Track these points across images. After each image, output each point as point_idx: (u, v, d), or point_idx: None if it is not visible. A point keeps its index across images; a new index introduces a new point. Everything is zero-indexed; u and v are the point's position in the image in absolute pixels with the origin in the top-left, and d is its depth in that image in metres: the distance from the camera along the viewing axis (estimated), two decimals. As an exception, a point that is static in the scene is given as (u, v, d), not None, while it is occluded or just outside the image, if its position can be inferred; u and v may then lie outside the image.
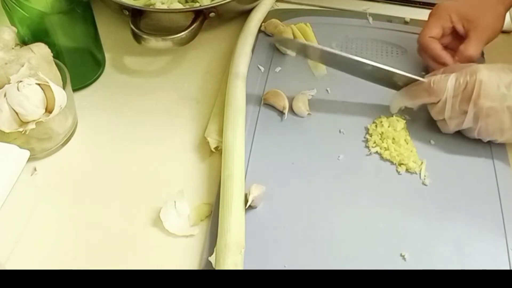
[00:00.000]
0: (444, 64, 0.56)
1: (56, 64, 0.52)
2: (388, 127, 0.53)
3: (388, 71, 0.54)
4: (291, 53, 0.62)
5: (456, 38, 0.59)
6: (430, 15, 0.59)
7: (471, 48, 0.56)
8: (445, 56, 0.57)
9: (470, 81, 0.49)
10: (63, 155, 0.53)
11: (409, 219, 0.47)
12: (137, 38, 0.58)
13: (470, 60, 0.56)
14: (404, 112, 0.56)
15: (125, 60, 0.63)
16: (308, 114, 0.56)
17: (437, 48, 0.57)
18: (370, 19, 0.68)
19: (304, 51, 0.58)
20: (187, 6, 0.64)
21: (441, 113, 0.52)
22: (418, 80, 0.53)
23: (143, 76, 0.62)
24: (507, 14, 0.67)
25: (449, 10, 0.57)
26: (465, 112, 0.50)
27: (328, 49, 0.54)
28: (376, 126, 0.54)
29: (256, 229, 0.46)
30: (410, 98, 0.54)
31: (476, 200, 0.49)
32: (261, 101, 0.57)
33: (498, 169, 0.51)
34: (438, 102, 0.51)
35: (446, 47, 0.58)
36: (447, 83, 0.50)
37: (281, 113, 0.56)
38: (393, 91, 0.55)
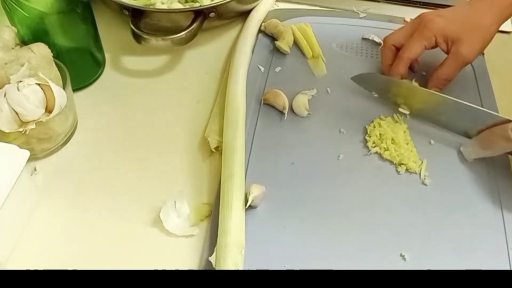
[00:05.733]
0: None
1: (56, 64, 0.52)
2: (387, 127, 0.53)
3: (473, 108, 0.50)
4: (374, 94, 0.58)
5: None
6: (413, 26, 0.56)
7: (446, 71, 0.55)
8: (390, 71, 0.57)
9: None
10: (63, 155, 0.53)
11: (409, 219, 0.47)
12: (137, 38, 0.58)
13: (445, 83, 0.55)
14: (404, 113, 0.56)
15: (125, 60, 0.63)
16: (308, 114, 0.56)
17: (386, 61, 0.58)
18: (370, 19, 0.68)
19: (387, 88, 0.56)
20: (187, 6, 0.64)
21: None
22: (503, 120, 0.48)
23: (143, 76, 0.62)
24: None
25: (434, 31, 0.54)
26: None
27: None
28: (374, 127, 0.54)
29: (256, 229, 0.46)
30: (487, 147, 0.50)
31: (476, 200, 0.49)
32: (261, 101, 0.57)
33: (498, 168, 0.51)
34: None
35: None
36: None
37: (281, 113, 0.56)
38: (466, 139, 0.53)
